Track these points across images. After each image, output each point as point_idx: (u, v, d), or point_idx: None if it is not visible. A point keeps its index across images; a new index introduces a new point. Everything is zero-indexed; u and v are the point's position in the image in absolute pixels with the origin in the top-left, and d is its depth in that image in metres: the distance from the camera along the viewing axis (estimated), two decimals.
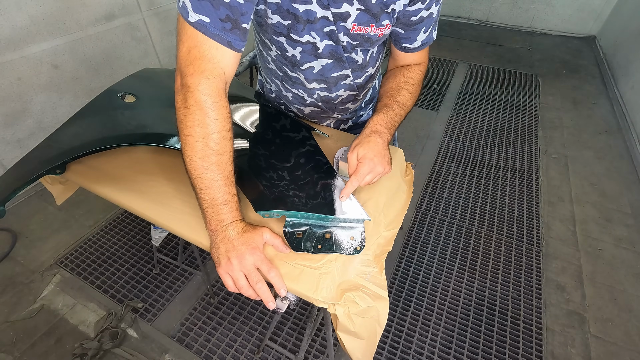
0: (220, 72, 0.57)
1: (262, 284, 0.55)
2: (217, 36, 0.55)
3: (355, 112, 0.96)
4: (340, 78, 0.78)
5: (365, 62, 0.77)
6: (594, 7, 3.63)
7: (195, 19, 0.53)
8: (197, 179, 0.57)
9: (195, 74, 0.55)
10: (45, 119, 1.79)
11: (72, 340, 1.27)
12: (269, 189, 0.67)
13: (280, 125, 0.85)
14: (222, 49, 0.56)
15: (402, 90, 0.75)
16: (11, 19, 1.53)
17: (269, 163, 0.73)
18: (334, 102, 0.84)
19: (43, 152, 0.73)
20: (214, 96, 0.56)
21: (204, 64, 0.55)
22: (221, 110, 0.57)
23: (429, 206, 1.87)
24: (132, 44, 2.09)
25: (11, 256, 1.54)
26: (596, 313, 1.43)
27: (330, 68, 0.75)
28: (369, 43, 0.71)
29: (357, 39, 0.69)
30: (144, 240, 1.63)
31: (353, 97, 0.86)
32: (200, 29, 0.54)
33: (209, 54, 0.55)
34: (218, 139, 0.56)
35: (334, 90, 0.81)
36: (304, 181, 0.70)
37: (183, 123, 0.56)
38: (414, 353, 1.28)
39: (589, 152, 2.30)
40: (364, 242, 0.62)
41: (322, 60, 0.73)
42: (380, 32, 0.68)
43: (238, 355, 1.25)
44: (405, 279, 1.52)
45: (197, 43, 0.55)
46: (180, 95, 0.56)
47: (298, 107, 0.89)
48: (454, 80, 3.07)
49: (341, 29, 0.66)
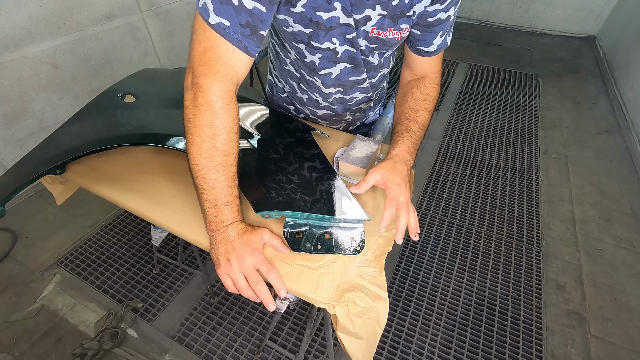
0: (233, 75, 0.57)
1: (262, 285, 0.55)
2: (235, 40, 0.55)
3: (365, 112, 0.96)
4: (357, 82, 0.79)
5: (380, 64, 0.78)
6: (594, 7, 3.63)
7: (215, 21, 0.53)
8: (201, 179, 0.57)
9: (208, 74, 0.55)
10: (45, 119, 1.79)
11: (72, 340, 1.27)
12: (269, 189, 0.67)
13: (281, 126, 0.85)
14: (238, 53, 0.56)
15: (420, 110, 0.74)
16: (11, 19, 1.53)
17: (269, 163, 0.73)
18: (348, 103, 0.85)
19: (43, 152, 0.73)
20: (225, 98, 0.56)
21: (219, 66, 0.55)
22: (231, 112, 0.57)
23: (429, 206, 1.87)
24: (132, 44, 2.09)
25: (11, 256, 1.54)
26: (596, 313, 1.43)
27: (348, 72, 0.76)
28: (387, 46, 0.71)
29: (375, 42, 0.69)
30: (144, 240, 1.63)
31: (367, 99, 0.87)
32: (219, 31, 0.54)
33: (224, 56, 0.56)
34: (225, 140, 0.56)
35: (349, 93, 0.82)
36: (303, 181, 0.70)
37: (191, 122, 0.56)
38: (414, 353, 1.28)
39: (589, 152, 2.30)
40: (363, 243, 0.62)
41: (341, 65, 0.73)
42: (399, 35, 0.69)
43: (238, 355, 1.25)
44: (405, 279, 1.52)
45: (215, 45, 0.55)
46: (190, 94, 0.56)
47: (311, 109, 0.89)
48: (454, 80, 3.07)
49: (362, 33, 0.67)
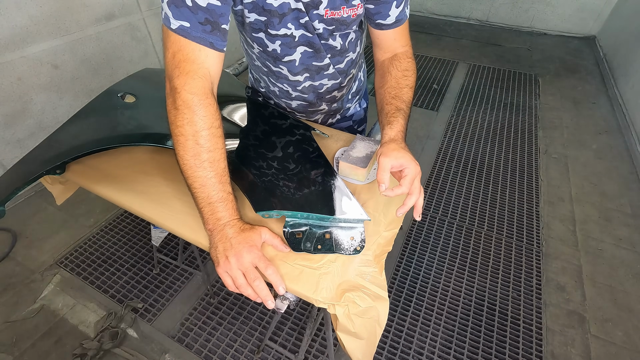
0: (205, 72, 0.59)
1: (260, 282, 0.55)
2: (198, 38, 0.58)
3: (342, 103, 0.96)
4: (322, 68, 0.80)
5: (344, 47, 0.78)
6: (594, 7, 3.63)
7: (176, 25, 0.56)
8: (191, 178, 0.58)
9: (181, 75, 0.57)
10: (45, 119, 1.79)
11: (72, 340, 1.27)
12: (269, 189, 0.67)
13: (281, 126, 0.85)
14: (205, 50, 0.59)
15: (403, 88, 0.74)
16: (11, 19, 1.53)
17: (268, 163, 0.73)
18: (319, 90, 0.86)
19: (43, 152, 0.73)
20: (200, 95, 0.58)
21: (189, 66, 0.58)
22: (209, 108, 0.59)
23: (429, 206, 1.87)
24: (132, 44, 2.09)
25: (11, 256, 1.54)
26: (596, 313, 1.43)
27: (309, 56, 0.77)
28: (345, 25, 0.72)
29: (332, 23, 0.70)
30: (144, 240, 1.63)
31: (338, 85, 0.87)
32: (182, 33, 0.57)
33: (192, 55, 0.58)
34: (207, 135, 0.58)
35: (317, 79, 0.82)
36: (304, 181, 0.70)
37: (174, 123, 0.58)
38: (414, 353, 1.28)
39: (589, 152, 2.30)
40: (363, 242, 0.62)
41: (300, 48, 0.74)
42: (353, 12, 0.70)
43: (238, 355, 1.25)
44: (405, 279, 1.52)
45: (181, 47, 0.58)
46: (170, 98, 0.59)
47: (285, 101, 0.90)
48: (454, 80, 3.07)
49: (315, 17, 0.68)
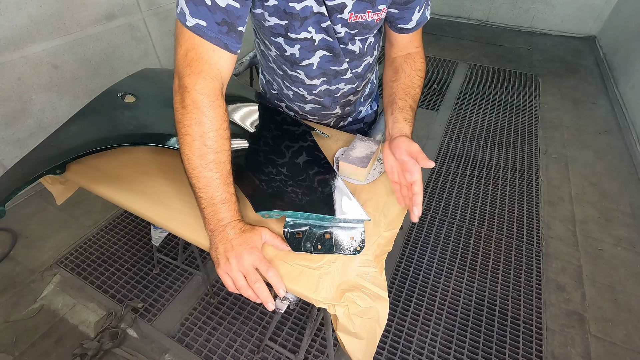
0: (216, 73, 0.58)
1: (261, 284, 0.55)
2: (214, 39, 0.57)
3: (355, 106, 0.96)
4: (340, 72, 0.79)
5: (363, 51, 0.78)
6: (594, 7, 3.63)
7: (192, 23, 0.55)
8: (196, 178, 0.57)
9: (192, 74, 0.56)
10: (45, 119, 1.79)
11: (72, 340, 1.27)
12: (269, 190, 0.67)
13: (281, 126, 0.85)
14: (219, 51, 0.58)
15: (415, 87, 0.75)
16: (11, 19, 1.53)
17: (269, 163, 0.73)
18: (335, 95, 0.85)
19: (43, 152, 0.73)
20: (210, 95, 0.57)
21: (201, 65, 0.57)
22: (217, 110, 0.58)
23: (429, 206, 1.87)
24: (132, 44, 2.09)
25: (11, 256, 1.54)
26: (596, 313, 1.43)
27: (328, 60, 0.76)
28: (367, 29, 0.72)
29: (355, 27, 0.70)
30: (144, 240, 1.63)
31: (354, 89, 0.86)
32: (197, 32, 0.56)
33: (205, 55, 0.57)
34: (215, 137, 0.57)
35: (334, 83, 0.82)
36: (304, 181, 0.70)
37: (181, 122, 0.57)
38: (414, 353, 1.28)
39: (589, 152, 2.30)
40: (363, 243, 0.62)
41: (320, 52, 0.74)
42: (377, 16, 0.69)
43: (238, 355, 1.25)
44: (405, 279, 1.52)
45: (195, 45, 0.56)
46: (178, 96, 0.58)
47: (299, 104, 0.89)
48: (454, 80, 3.07)
49: (338, 20, 0.67)
